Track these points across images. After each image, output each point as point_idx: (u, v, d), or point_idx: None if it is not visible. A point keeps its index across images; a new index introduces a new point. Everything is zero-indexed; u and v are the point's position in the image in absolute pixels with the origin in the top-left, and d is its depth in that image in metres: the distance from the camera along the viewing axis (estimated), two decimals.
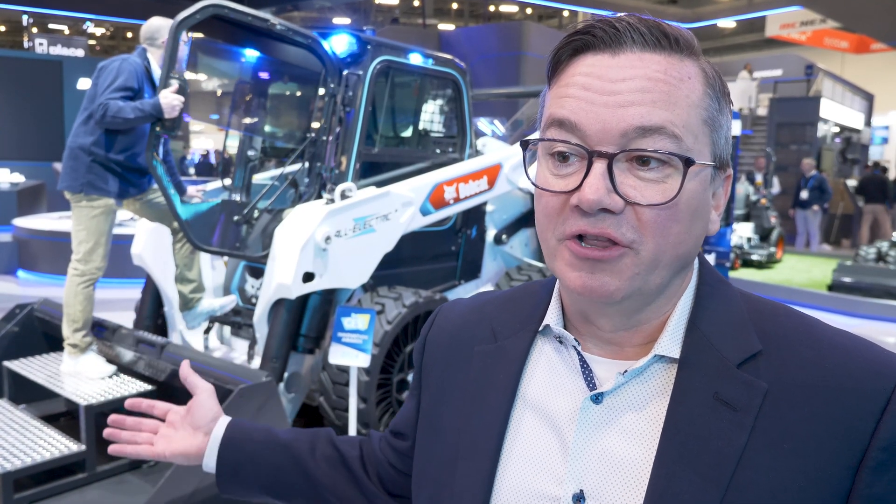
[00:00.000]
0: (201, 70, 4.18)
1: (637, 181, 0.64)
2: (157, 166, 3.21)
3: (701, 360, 0.68)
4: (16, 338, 3.76)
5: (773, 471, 0.63)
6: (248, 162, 4.25)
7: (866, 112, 19.52)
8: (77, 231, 3.43)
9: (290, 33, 3.50)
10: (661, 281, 0.67)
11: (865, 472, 0.62)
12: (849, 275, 8.47)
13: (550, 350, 0.77)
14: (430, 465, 0.81)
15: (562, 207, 0.66)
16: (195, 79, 4.04)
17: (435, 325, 0.90)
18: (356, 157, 3.77)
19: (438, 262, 4.51)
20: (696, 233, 0.68)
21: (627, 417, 0.69)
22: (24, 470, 2.77)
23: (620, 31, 0.65)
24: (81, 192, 3.34)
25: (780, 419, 0.64)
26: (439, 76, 4.34)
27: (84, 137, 3.34)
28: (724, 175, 0.72)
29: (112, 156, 3.36)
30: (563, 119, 0.66)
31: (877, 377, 0.64)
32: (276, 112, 4.57)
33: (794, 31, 19.88)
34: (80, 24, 22.90)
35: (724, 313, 0.71)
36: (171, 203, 3.32)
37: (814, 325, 0.70)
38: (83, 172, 3.32)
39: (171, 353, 3.30)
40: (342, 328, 3.16)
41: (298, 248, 3.33)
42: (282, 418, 2.94)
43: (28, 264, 8.84)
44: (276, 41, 3.71)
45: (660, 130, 0.63)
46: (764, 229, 11.15)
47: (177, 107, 3.19)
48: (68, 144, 3.40)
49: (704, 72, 0.68)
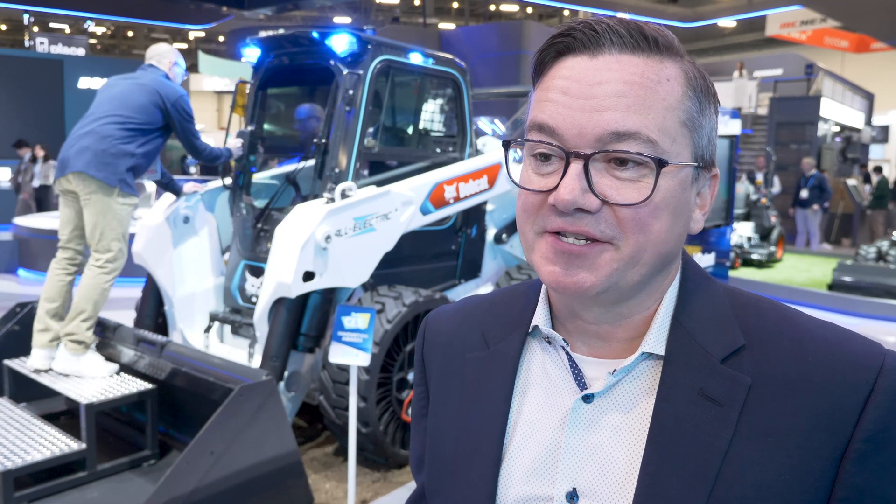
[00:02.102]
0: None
1: (614, 181, 0.65)
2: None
3: (685, 356, 0.69)
4: (16, 336, 3.77)
5: (759, 465, 0.64)
6: (249, 161, 4.26)
7: (866, 111, 19.51)
8: (104, 223, 3.45)
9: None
10: (640, 278, 0.68)
11: (849, 464, 0.63)
12: (849, 274, 8.47)
13: (541, 352, 0.77)
14: (434, 477, 0.81)
15: (540, 205, 0.68)
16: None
17: (427, 340, 0.90)
18: (356, 157, 3.77)
19: (438, 262, 4.51)
20: (678, 231, 0.69)
21: (617, 416, 0.70)
22: (25, 468, 2.78)
23: (599, 33, 0.66)
24: (117, 187, 3.46)
25: (765, 413, 0.65)
26: (439, 75, 4.35)
27: (128, 144, 3.52)
28: (709, 175, 0.72)
29: (145, 167, 3.68)
30: (542, 123, 0.67)
31: (858, 369, 0.65)
32: (276, 111, 4.58)
33: (795, 31, 19.86)
34: (80, 22, 22.90)
35: (708, 309, 0.72)
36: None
37: (796, 319, 0.71)
38: (122, 171, 3.48)
39: (171, 352, 3.30)
40: (342, 327, 3.16)
41: (298, 247, 3.33)
42: (282, 417, 2.95)
43: (28, 263, 8.85)
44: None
45: (634, 135, 0.64)
46: (764, 228, 11.15)
47: (239, 149, 4.22)
48: (101, 136, 3.46)
49: (685, 72, 0.68)
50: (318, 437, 4.11)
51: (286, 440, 2.96)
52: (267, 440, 2.88)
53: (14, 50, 18.99)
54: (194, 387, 3.09)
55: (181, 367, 3.18)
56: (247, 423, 2.78)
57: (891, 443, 0.64)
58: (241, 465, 2.76)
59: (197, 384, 3.06)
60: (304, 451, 3.86)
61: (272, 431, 2.90)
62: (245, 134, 4.23)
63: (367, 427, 3.42)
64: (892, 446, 0.64)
